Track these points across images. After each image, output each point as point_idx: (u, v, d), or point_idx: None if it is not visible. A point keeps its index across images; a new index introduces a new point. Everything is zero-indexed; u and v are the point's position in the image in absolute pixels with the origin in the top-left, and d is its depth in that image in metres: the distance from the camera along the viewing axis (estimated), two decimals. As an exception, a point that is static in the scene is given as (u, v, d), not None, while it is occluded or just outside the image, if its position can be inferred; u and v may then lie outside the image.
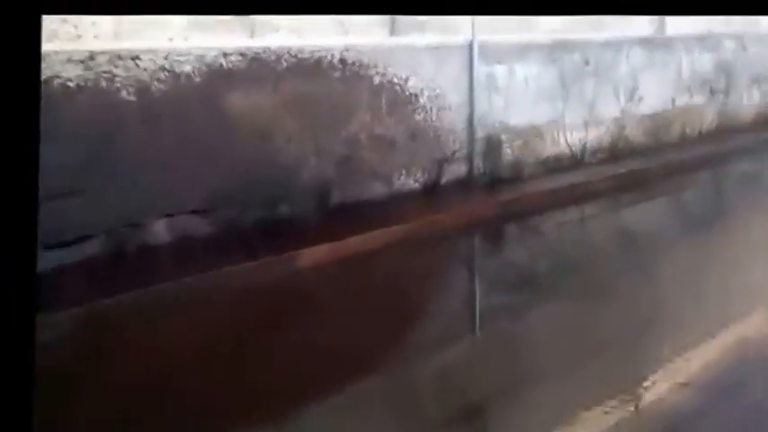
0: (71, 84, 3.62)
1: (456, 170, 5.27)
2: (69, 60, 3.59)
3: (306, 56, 4.34)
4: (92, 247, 3.74)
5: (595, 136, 5.75)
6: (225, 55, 4.07)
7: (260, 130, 4.29)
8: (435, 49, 5.01)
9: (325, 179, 4.55)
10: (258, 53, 4.18)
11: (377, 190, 4.85)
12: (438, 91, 5.06)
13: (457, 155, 5.26)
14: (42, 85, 3.15)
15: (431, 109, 5.04)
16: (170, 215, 4.05)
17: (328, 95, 4.48)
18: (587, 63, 5.62)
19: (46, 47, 3.37)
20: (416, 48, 4.92)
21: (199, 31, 4.04)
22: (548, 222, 5.51)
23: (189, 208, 4.09)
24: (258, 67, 4.19)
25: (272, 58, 4.23)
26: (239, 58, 4.12)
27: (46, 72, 3.56)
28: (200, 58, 3.98)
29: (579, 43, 5.58)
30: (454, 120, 5.19)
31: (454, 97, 5.15)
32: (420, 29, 5.00)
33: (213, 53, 4.02)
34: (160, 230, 3.99)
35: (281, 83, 4.30)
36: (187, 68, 3.93)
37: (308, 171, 4.49)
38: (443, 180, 5.26)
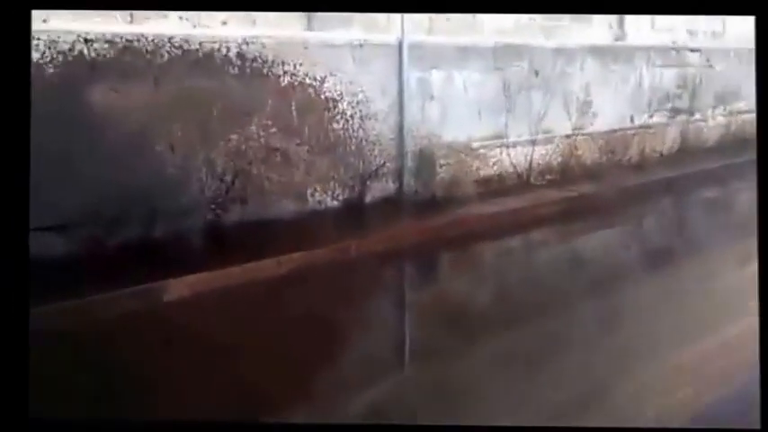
0: None
1: (382, 188, 4.45)
2: None
3: (193, 47, 3.47)
4: None
5: (543, 154, 4.94)
6: (86, 41, 3.19)
7: (134, 134, 3.41)
8: (359, 48, 4.18)
9: (217, 193, 3.68)
10: (131, 41, 3.31)
11: (285, 208, 3.99)
12: (361, 96, 4.23)
13: (383, 170, 4.43)
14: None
15: (352, 116, 4.21)
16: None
17: (222, 96, 3.62)
18: (536, 73, 4.82)
19: None
20: (336, 45, 4.08)
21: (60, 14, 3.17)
22: (487, 251, 4.70)
23: (43, 223, 3.21)
24: (132, 59, 3.33)
25: (150, 48, 3.36)
26: (105, 46, 3.24)
27: None
28: (53, 43, 3.10)
29: (527, 49, 4.78)
30: (381, 130, 4.36)
31: (381, 104, 4.33)
32: (344, 23, 4.16)
33: (70, 38, 3.14)
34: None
35: (162, 79, 3.43)
36: (35, 56, 3.05)
37: (195, 184, 3.61)
38: (367, 199, 4.42)
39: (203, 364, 2.96)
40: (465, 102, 4.75)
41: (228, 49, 3.72)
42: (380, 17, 4.13)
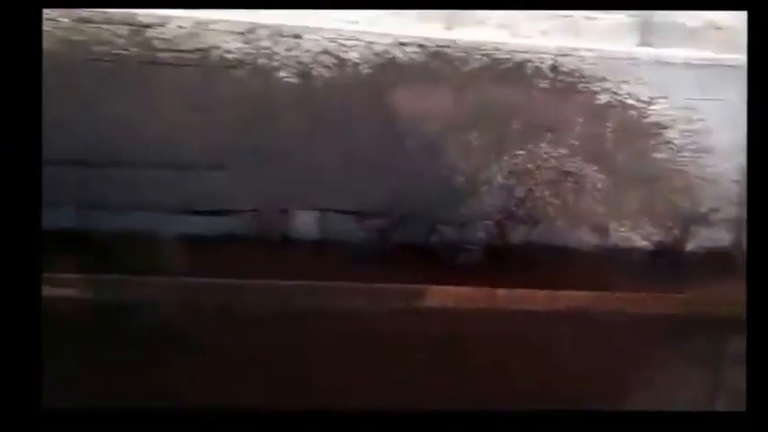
0: (230, 57, 3.25)
1: (712, 237, 3.57)
2: (230, 32, 3.23)
3: (503, 56, 3.28)
4: (235, 223, 3.33)
5: None
6: (400, 45, 3.28)
7: (431, 138, 3.38)
8: (704, 68, 3.42)
9: (501, 210, 3.41)
10: (442, 47, 3.28)
11: (579, 239, 3.50)
12: (699, 125, 3.46)
13: (716, 216, 3.54)
14: (202, 55, 2.91)
15: (683, 148, 3.47)
16: (320, 209, 3.44)
17: (525, 109, 3.35)
18: None
19: (209, 15, 3.10)
20: (672, 63, 3.42)
21: (381, 15, 3.34)
22: None
23: (339, 206, 3.43)
24: (440, 65, 3.30)
25: (459, 54, 3.29)
26: (417, 50, 3.28)
27: (207, 41, 3.27)
28: (370, 45, 3.26)
29: None
30: (721, 168, 3.50)
31: (725, 137, 3.47)
32: (685, 39, 3.48)
33: (386, 41, 3.26)
34: (307, 222, 3.40)
35: (466, 86, 3.33)
36: (353, 55, 3.26)
37: (481, 197, 3.40)
38: (689, 247, 3.60)
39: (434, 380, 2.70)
40: None
41: (542, 61, 3.38)
42: (732, 31, 3.29)
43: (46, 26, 3.33)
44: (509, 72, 3.41)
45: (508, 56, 3.44)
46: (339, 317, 3.07)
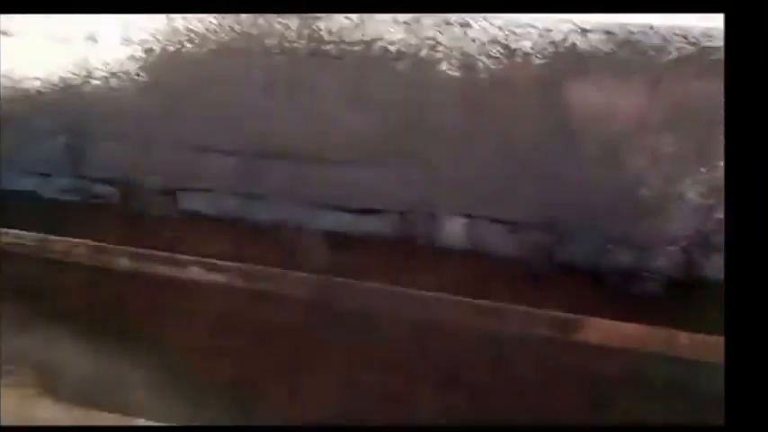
0: (392, 48, 3.07)
1: None
2: (395, 22, 3.05)
3: (714, 43, 2.65)
4: (379, 223, 3.17)
5: None
6: (582, 32, 2.82)
7: (612, 141, 2.86)
8: None
9: (696, 235, 2.75)
10: (633, 33, 2.75)
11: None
12: None
13: None
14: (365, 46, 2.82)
15: None
16: (471, 216, 3.12)
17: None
18: None
19: None
20: None
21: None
22: None
23: (494, 214, 3.07)
24: (630, 54, 2.78)
25: (655, 42, 2.73)
26: (602, 37, 2.80)
27: (370, 32, 3.13)
28: (546, 33, 2.85)
29: None
30: None
31: None
32: None
33: (565, 28, 2.83)
34: (454, 230, 3.11)
35: (661, 81, 2.76)
36: (525, 44, 2.88)
37: (672, 216, 2.79)
38: None
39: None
40: None
41: (768, 49, 2.61)
42: None
43: (227, 20, 3.43)
44: (719, 64, 2.70)
45: (718, 42, 2.72)
46: (480, 337, 2.65)
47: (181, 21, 3.39)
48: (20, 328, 2.69)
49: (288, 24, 3.35)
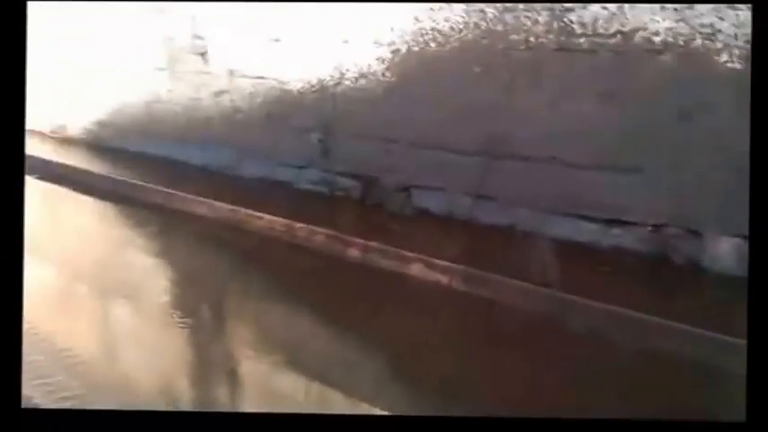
0: (656, 39, 2.71)
1: None
2: (662, 9, 2.68)
3: None
4: (627, 236, 2.84)
5: None
6: None
7: None
8: None
9: None
10: None
11: None
12: None
13: None
14: (624, 38, 2.57)
15: None
16: (743, 237, 2.64)
17: None
18: None
19: None
20: None
21: None
22: None
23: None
24: None
25: None
26: None
27: (630, 22, 2.80)
28: None
29: None
30: None
31: None
32: None
33: None
34: (721, 251, 2.64)
35: None
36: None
37: None
38: None
39: None
40: None
41: None
42: None
43: (473, 18, 3.28)
44: None
45: None
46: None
47: (428, 21, 3.32)
48: (265, 304, 2.84)
49: (536, 19, 3.08)
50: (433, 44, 3.34)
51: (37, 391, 1.91)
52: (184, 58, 4.49)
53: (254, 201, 3.66)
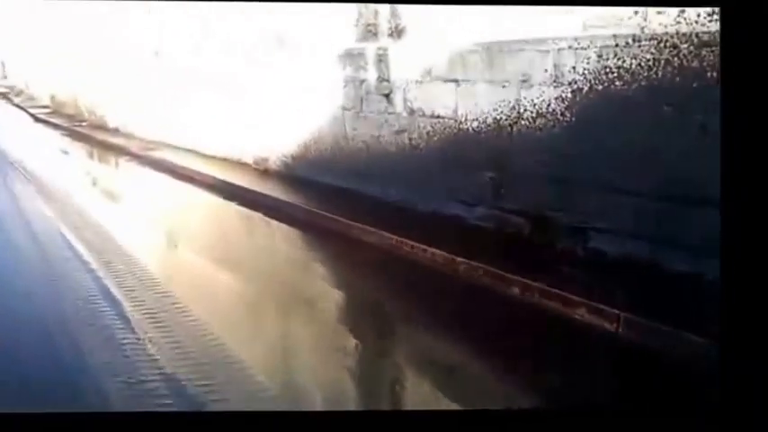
0: None
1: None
2: None
3: None
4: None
5: None
6: None
7: None
8: None
9: None
10: None
11: None
12: None
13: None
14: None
15: None
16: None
17: None
18: None
19: None
20: None
21: None
22: None
23: None
24: None
25: None
26: None
27: None
28: None
29: None
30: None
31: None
32: None
33: None
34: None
35: None
36: None
37: None
38: None
39: None
40: None
41: None
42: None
43: (662, 54, 3.07)
44: None
45: None
46: None
47: (613, 59, 3.18)
48: (416, 328, 2.87)
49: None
50: (618, 82, 3.18)
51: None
52: (370, 98, 4.76)
53: (425, 233, 3.71)
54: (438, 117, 4.18)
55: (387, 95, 4.58)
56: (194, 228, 4.51)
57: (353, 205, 4.44)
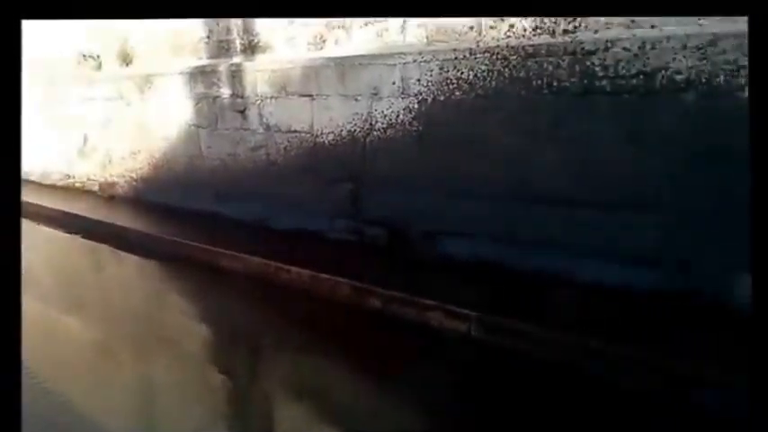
0: (678, 78, 2.65)
1: None
2: (683, 48, 2.63)
3: None
4: (662, 278, 2.71)
5: None
6: None
7: None
8: None
9: None
10: None
11: None
12: None
13: None
14: (643, 80, 2.54)
15: None
16: None
17: None
18: None
19: (660, 33, 2.62)
20: None
21: None
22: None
23: None
24: None
25: None
26: None
27: (652, 63, 2.76)
28: None
29: None
30: None
31: None
32: None
33: None
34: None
35: None
36: None
37: None
38: None
39: None
40: None
41: None
42: None
43: (496, 66, 3.27)
44: None
45: None
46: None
47: (453, 71, 3.33)
48: (291, 352, 2.79)
49: (558, 63, 3.05)
50: (458, 93, 3.33)
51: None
52: (225, 115, 4.63)
53: (288, 252, 3.65)
54: (294, 132, 4.15)
55: (242, 112, 4.48)
56: (31, 269, 4.09)
57: (210, 228, 4.27)
